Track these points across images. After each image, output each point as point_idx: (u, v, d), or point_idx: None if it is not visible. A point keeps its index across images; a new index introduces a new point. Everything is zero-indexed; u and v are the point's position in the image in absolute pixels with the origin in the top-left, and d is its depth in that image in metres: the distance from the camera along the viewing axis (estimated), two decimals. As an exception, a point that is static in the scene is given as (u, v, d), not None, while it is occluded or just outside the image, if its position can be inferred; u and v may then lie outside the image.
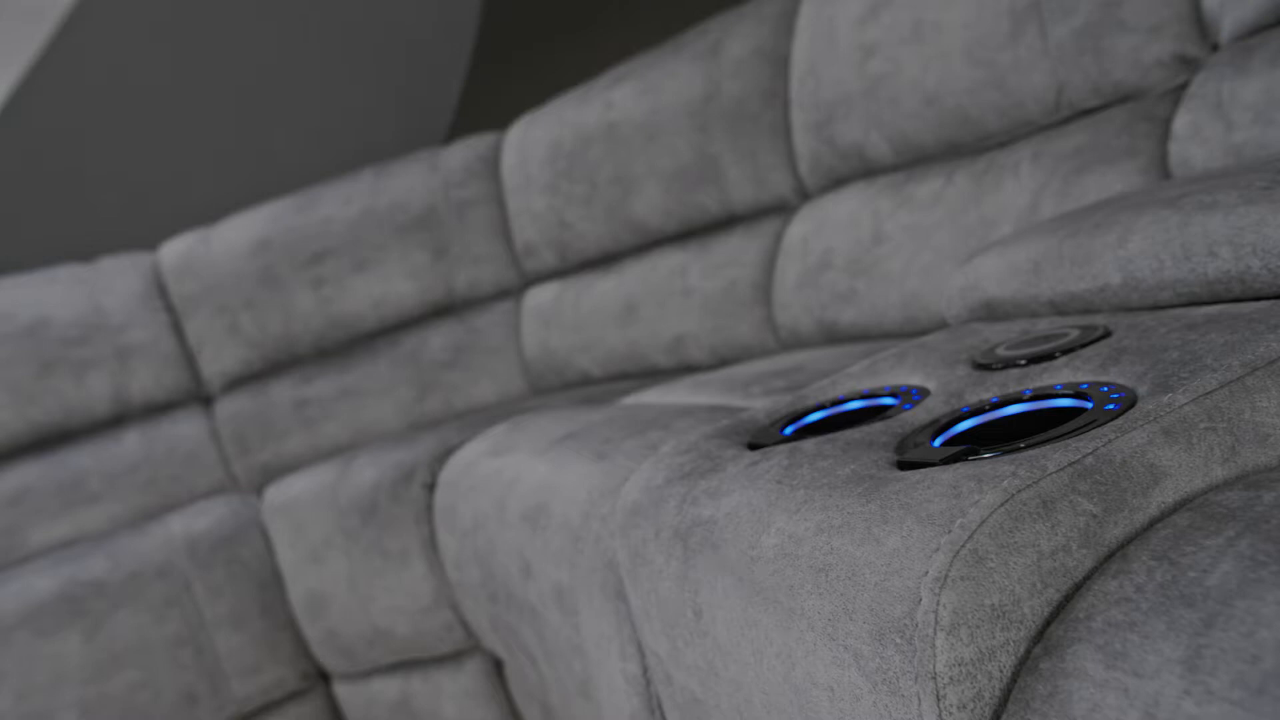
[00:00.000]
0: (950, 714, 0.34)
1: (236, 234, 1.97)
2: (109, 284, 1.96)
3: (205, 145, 2.43)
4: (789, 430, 0.60)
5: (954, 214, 1.11)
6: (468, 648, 1.32)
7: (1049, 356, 0.53)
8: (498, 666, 1.32)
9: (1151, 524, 0.37)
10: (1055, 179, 0.98)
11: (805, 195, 1.46)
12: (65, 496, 1.80)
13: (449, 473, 1.23)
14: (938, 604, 0.34)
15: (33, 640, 1.26)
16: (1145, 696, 0.29)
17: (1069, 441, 0.40)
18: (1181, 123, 0.86)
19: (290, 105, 2.49)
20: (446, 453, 1.31)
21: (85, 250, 2.37)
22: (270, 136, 2.48)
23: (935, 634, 0.34)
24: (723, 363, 1.54)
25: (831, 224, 1.33)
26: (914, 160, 1.25)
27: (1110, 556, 0.36)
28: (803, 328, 1.36)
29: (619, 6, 2.82)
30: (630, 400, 1.25)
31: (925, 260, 1.14)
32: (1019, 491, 0.36)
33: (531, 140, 1.86)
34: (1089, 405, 0.45)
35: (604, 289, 1.75)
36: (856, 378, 0.65)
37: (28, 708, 1.24)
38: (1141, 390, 0.44)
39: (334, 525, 1.36)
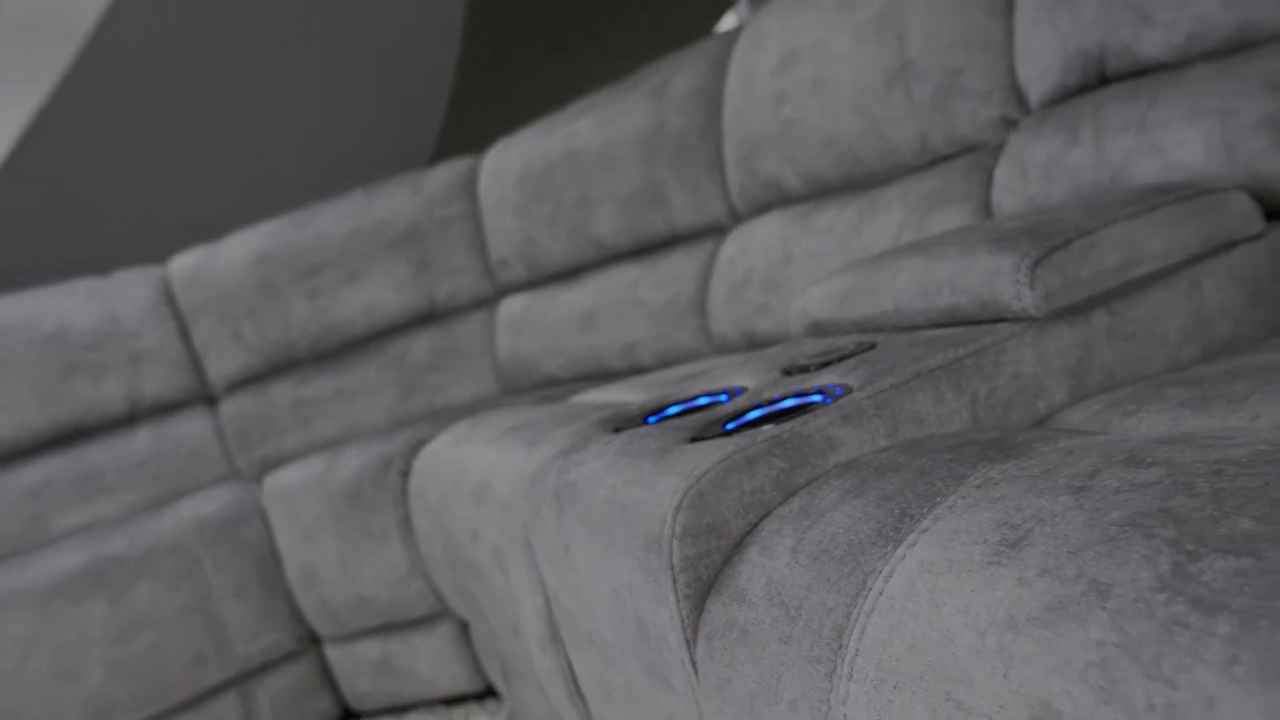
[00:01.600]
0: (682, 591, 0.54)
1: (239, 248, 2.16)
2: (123, 294, 2.15)
3: (210, 166, 2.63)
4: (653, 419, 0.80)
5: (844, 240, 1.31)
6: (438, 612, 1.52)
7: (828, 364, 0.73)
8: (464, 629, 1.52)
9: (823, 475, 0.57)
10: (914, 215, 1.18)
11: (737, 219, 1.66)
12: (84, 487, 2.00)
13: (420, 462, 1.43)
14: (675, 524, 0.54)
15: (64, 607, 1.46)
16: (769, 569, 0.49)
17: (787, 423, 0.60)
18: (999, 174, 1.06)
19: (288, 128, 2.69)
20: (419, 445, 1.51)
21: (101, 263, 2.57)
22: (270, 157, 2.68)
23: (672, 542, 0.54)
24: (666, 365, 1.74)
25: (753, 246, 1.53)
26: (819, 192, 1.45)
27: (792, 495, 0.56)
28: (730, 336, 1.56)
29: (594, 34, 3.02)
30: (577, 399, 1.45)
31: (824, 279, 1.34)
32: (732, 454, 0.56)
33: (505, 164, 2.06)
34: (821, 399, 0.65)
35: (568, 300, 1.95)
36: (710, 379, 0.85)
37: (61, 665, 1.44)
38: (855, 388, 0.64)
39: (324, 508, 1.56)
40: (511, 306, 2.08)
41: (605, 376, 1.87)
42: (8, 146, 2.44)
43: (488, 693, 1.60)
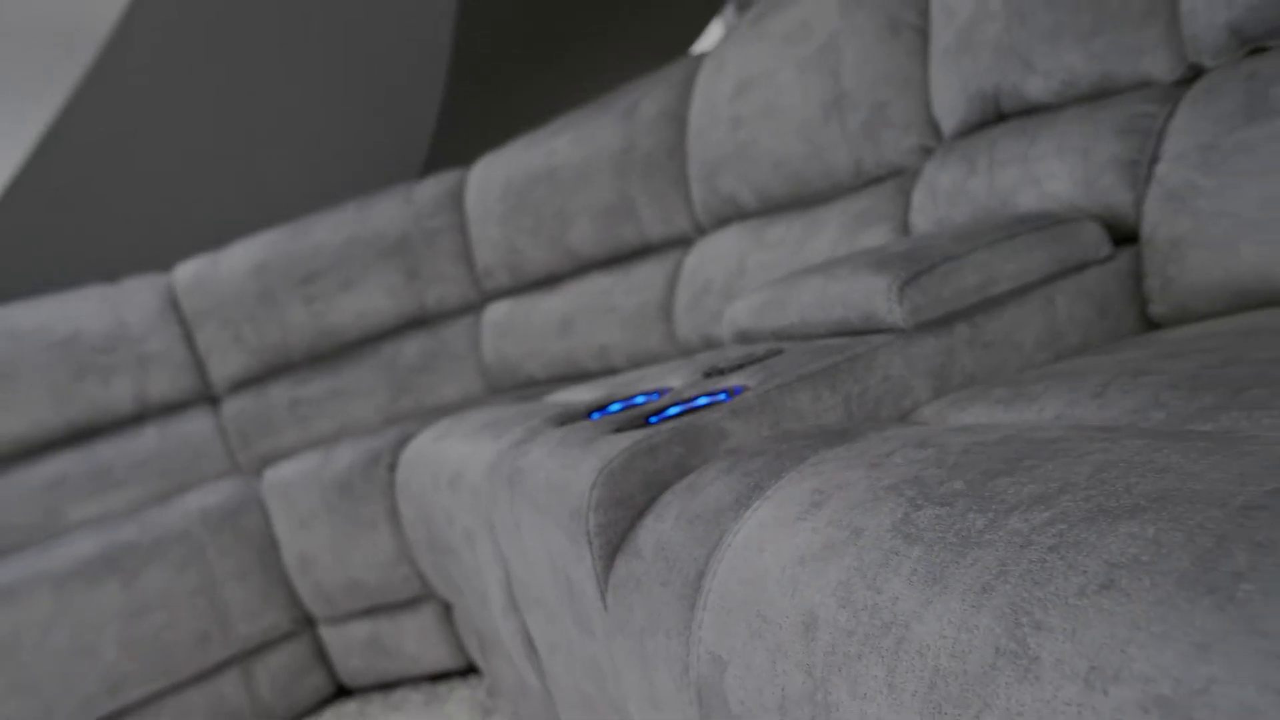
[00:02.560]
0: (596, 552, 0.67)
1: (240, 257, 2.29)
2: (130, 301, 2.28)
3: (213, 178, 2.77)
4: (596, 415, 0.94)
5: (790, 254, 1.45)
6: (423, 595, 1.65)
7: (740, 368, 0.87)
8: (447, 610, 1.65)
9: (714, 459, 0.70)
10: (847, 233, 1.31)
11: (701, 231, 1.79)
12: (96, 482, 2.13)
13: (406, 456, 1.56)
14: (591, 498, 0.68)
15: (81, 589, 1.59)
16: (659, 531, 0.63)
17: (688, 418, 0.73)
18: (915, 198, 1.19)
19: (287, 142, 2.82)
20: (405, 440, 1.64)
21: (110, 271, 2.71)
22: (270, 170, 2.82)
23: (589, 512, 0.67)
24: (637, 366, 1.87)
25: (712, 258, 1.66)
26: (771, 209, 1.58)
27: (686, 474, 0.69)
28: (692, 340, 1.70)
29: (579, 49, 3.15)
30: (549, 398, 1.59)
31: (773, 289, 1.48)
32: (638, 442, 0.69)
33: (490, 178, 2.19)
34: (725, 398, 0.78)
35: (547, 306, 2.08)
36: (649, 380, 0.99)
37: (78, 642, 1.57)
38: (752, 388, 0.77)
39: (318, 500, 1.69)
40: (496, 312, 2.21)
41: (581, 377, 2.01)
42: (22, 158, 2.57)
43: (469, 670, 1.73)
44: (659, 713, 0.62)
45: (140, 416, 2.20)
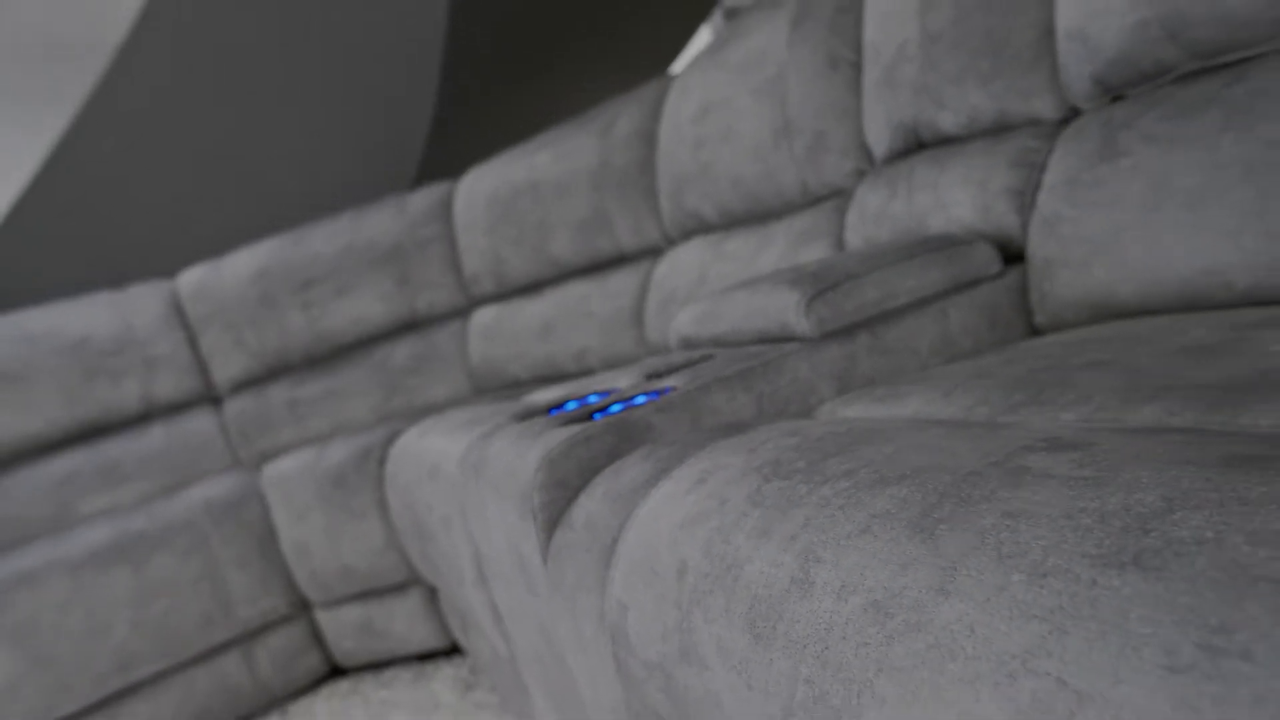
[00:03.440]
0: (539, 527, 0.80)
1: (241, 264, 2.42)
2: (137, 306, 2.41)
3: (215, 190, 2.90)
4: (554, 411, 1.07)
5: (744, 265, 1.58)
6: (410, 580, 1.78)
7: (675, 371, 1.00)
8: (432, 594, 1.79)
9: (640, 448, 0.83)
10: (792, 247, 1.44)
11: (670, 242, 1.93)
12: (105, 477, 2.26)
13: (394, 451, 1.69)
14: (536, 481, 0.81)
15: (94, 575, 1.72)
16: (588, 507, 0.76)
17: (624, 414, 0.86)
18: (849, 218, 1.32)
19: (287, 155, 2.96)
20: (394, 437, 1.78)
21: (118, 278, 2.84)
22: (270, 181, 2.95)
23: (535, 491, 0.81)
24: (611, 368, 2.00)
25: (678, 268, 1.79)
26: (731, 223, 1.71)
27: (616, 460, 0.82)
28: (658, 344, 1.83)
29: (564, 65, 3.28)
30: (527, 398, 1.72)
31: (730, 297, 1.61)
32: (576, 434, 0.82)
33: (476, 190, 2.33)
34: (656, 396, 0.91)
35: (530, 311, 2.22)
36: (599, 382, 1.12)
37: (92, 623, 1.70)
38: (679, 389, 0.90)
39: (314, 492, 1.82)
40: (482, 317, 2.34)
41: (561, 378, 2.14)
42: (34, 170, 2.71)
43: (454, 650, 1.86)
44: (586, 657, 0.75)
45: (147, 416, 2.33)
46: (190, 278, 2.42)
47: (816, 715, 0.43)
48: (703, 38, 5.28)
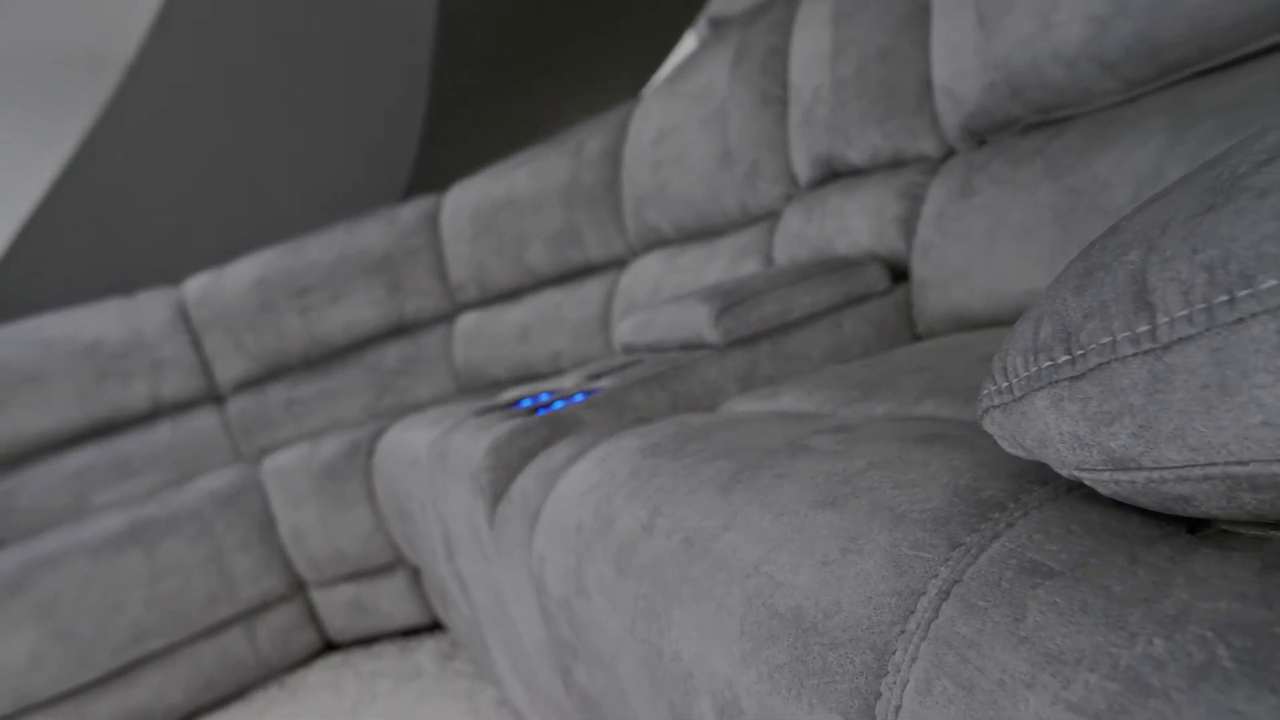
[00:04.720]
0: (487, 502, 0.98)
1: (242, 272, 2.60)
2: (145, 312, 2.58)
3: (218, 202, 3.08)
4: (511, 407, 1.24)
5: (694, 277, 1.75)
6: (396, 561, 1.97)
7: (610, 373, 1.18)
8: (416, 574, 1.97)
9: (570, 436, 1.01)
10: (732, 262, 1.62)
11: (634, 254, 2.10)
12: (117, 470, 2.44)
13: (381, 445, 1.87)
14: (484, 463, 0.99)
15: (110, 557, 1.90)
16: (522, 485, 0.94)
17: (561, 410, 1.04)
18: (776, 238, 1.50)
19: (285, 169, 3.14)
20: (381, 433, 1.96)
21: (127, 285, 3.03)
22: (270, 193, 3.13)
23: (482, 472, 0.99)
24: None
25: (639, 278, 1.97)
26: (685, 238, 1.89)
27: (550, 447, 1.00)
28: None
29: (548, 80, 3.46)
30: (500, 396, 1.89)
31: (683, 306, 1.78)
32: (517, 425, 1.00)
33: (461, 203, 2.50)
34: (588, 395, 1.09)
35: (509, 317, 2.39)
36: (552, 382, 1.30)
37: (109, 600, 1.88)
38: (607, 389, 1.08)
39: (309, 483, 2.00)
40: (466, 321, 2.52)
41: (536, 378, 2.32)
42: (49, 182, 2.89)
43: (435, 625, 2.04)
44: (521, 604, 0.93)
45: (155, 414, 2.50)
46: (195, 285, 2.59)
47: (649, 618, 0.61)
48: (688, 45, 5.46)
